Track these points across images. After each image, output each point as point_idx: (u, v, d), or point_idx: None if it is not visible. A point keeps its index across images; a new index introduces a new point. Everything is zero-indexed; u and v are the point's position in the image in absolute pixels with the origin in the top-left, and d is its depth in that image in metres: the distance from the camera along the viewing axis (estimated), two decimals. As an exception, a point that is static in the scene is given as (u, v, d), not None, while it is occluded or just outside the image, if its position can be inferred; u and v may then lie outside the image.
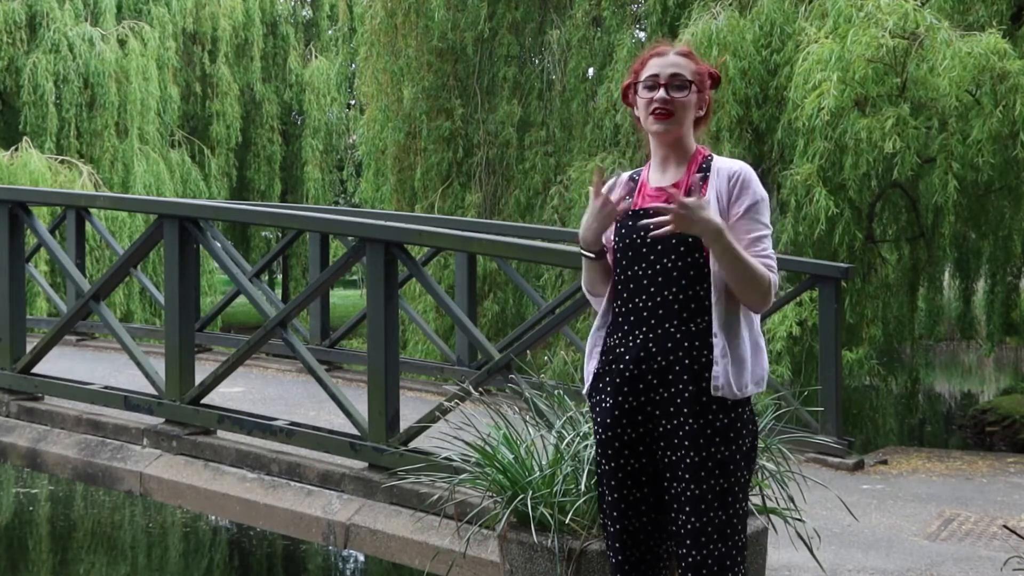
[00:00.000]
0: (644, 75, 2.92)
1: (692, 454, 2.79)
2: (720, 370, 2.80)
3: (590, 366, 2.98)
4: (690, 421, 2.80)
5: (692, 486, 2.78)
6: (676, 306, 2.84)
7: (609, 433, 2.89)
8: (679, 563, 2.83)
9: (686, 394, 2.81)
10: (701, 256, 2.83)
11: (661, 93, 2.87)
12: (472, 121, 13.51)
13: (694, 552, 2.79)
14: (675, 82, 2.88)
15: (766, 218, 2.88)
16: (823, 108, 8.07)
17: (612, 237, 2.94)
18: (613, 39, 11.74)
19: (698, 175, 2.86)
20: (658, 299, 2.85)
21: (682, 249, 2.83)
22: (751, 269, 2.78)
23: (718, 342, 2.81)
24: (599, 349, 2.97)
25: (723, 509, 2.79)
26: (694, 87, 2.90)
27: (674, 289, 2.84)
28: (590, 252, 2.94)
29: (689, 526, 2.79)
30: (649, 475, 2.89)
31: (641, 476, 2.89)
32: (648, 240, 2.85)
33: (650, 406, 2.86)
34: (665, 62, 2.91)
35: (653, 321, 2.85)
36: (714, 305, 2.82)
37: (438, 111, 13.53)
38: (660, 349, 2.83)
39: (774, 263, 2.85)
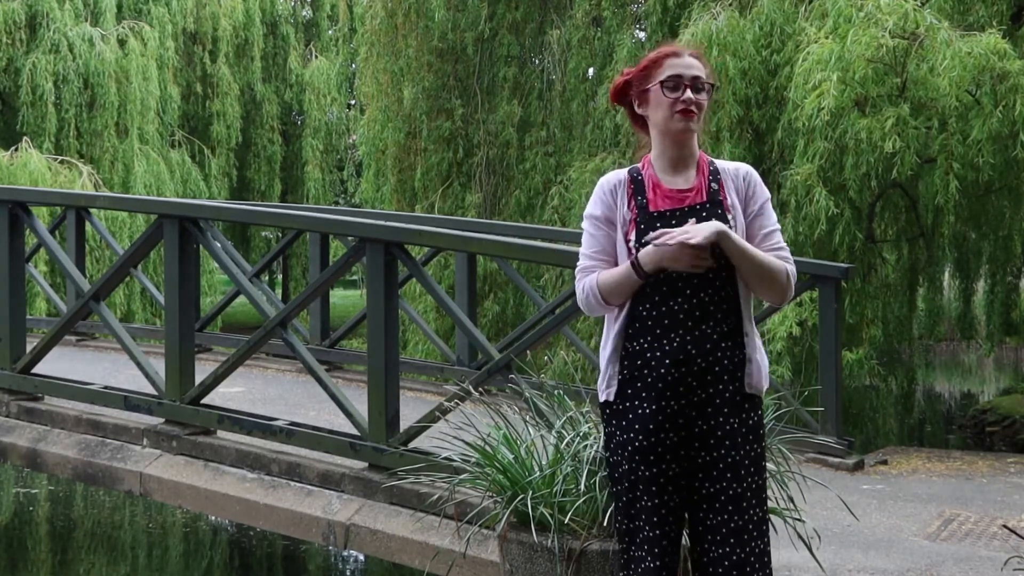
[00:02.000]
0: (664, 75, 2.92)
1: (734, 452, 2.84)
2: (753, 368, 2.90)
3: (610, 370, 2.95)
4: (731, 420, 2.85)
5: (734, 484, 2.83)
6: (712, 307, 2.87)
7: (652, 439, 2.87)
8: (713, 562, 2.85)
9: (726, 394, 2.86)
10: None
11: (689, 94, 2.89)
12: (472, 121, 13.51)
13: (738, 550, 2.81)
14: (697, 84, 2.92)
15: (774, 214, 2.99)
16: (823, 108, 8.07)
17: (631, 240, 2.92)
18: (613, 39, 11.74)
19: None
20: (694, 300, 2.87)
21: (717, 250, 2.85)
22: (763, 262, 2.86)
23: (749, 341, 2.90)
24: (619, 354, 2.94)
25: (759, 506, 2.87)
26: (710, 89, 2.95)
27: (710, 291, 2.87)
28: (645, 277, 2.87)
29: (732, 524, 2.82)
30: (686, 478, 2.91)
31: (680, 480, 2.90)
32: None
33: (689, 408, 2.88)
34: (684, 63, 2.94)
35: (690, 323, 2.86)
36: (743, 304, 2.90)
37: (438, 111, 13.53)
38: (700, 351, 2.86)
39: (789, 255, 2.95)
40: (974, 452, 9.09)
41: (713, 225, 2.79)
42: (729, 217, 2.89)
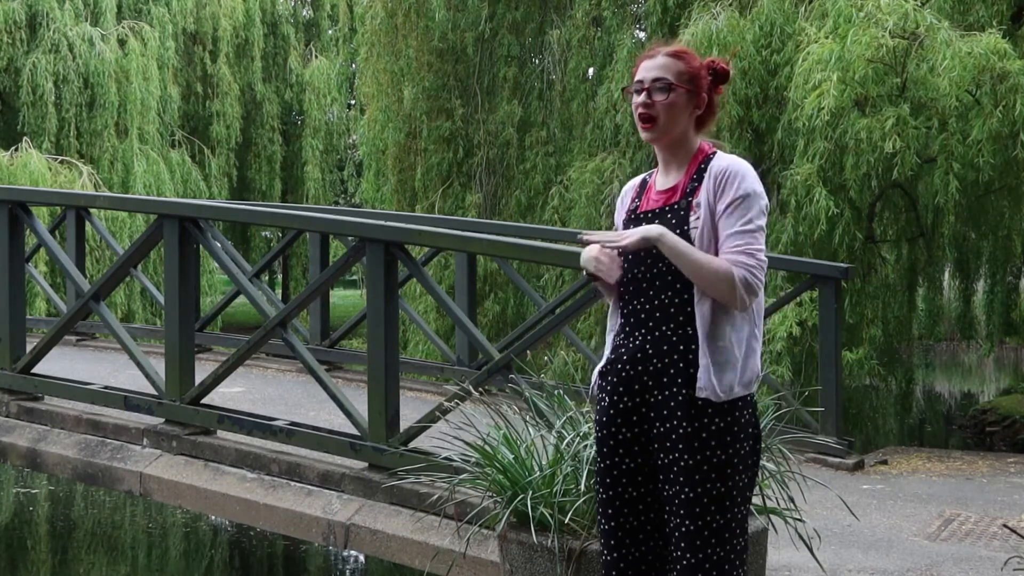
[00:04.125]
0: (635, 79, 2.91)
1: (686, 457, 2.78)
2: (702, 372, 2.78)
3: (599, 366, 3.01)
4: (684, 424, 2.78)
5: (687, 489, 2.77)
6: (672, 309, 2.84)
7: (605, 431, 2.91)
8: (674, 565, 2.83)
9: (679, 397, 2.80)
10: None
11: (643, 98, 2.85)
12: (472, 121, 13.51)
13: (688, 555, 2.78)
14: (657, 85, 2.84)
15: (752, 213, 2.77)
16: (823, 108, 8.08)
17: None
18: (613, 39, 11.74)
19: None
20: (655, 302, 2.86)
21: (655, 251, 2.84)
22: (701, 266, 2.75)
23: (701, 345, 2.79)
24: (608, 349, 2.99)
25: (720, 513, 2.77)
26: (679, 88, 2.84)
27: (669, 293, 2.84)
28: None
29: (684, 529, 2.77)
30: (645, 475, 2.88)
31: (637, 476, 2.88)
32: None
33: (645, 407, 2.86)
34: (651, 64, 2.88)
35: (651, 323, 2.86)
36: (696, 306, 2.80)
37: (438, 111, 13.53)
38: (656, 351, 2.84)
39: (753, 260, 2.74)
40: (974, 452, 9.10)
41: (643, 230, 2.78)
42: (692, 217, 2.81)
